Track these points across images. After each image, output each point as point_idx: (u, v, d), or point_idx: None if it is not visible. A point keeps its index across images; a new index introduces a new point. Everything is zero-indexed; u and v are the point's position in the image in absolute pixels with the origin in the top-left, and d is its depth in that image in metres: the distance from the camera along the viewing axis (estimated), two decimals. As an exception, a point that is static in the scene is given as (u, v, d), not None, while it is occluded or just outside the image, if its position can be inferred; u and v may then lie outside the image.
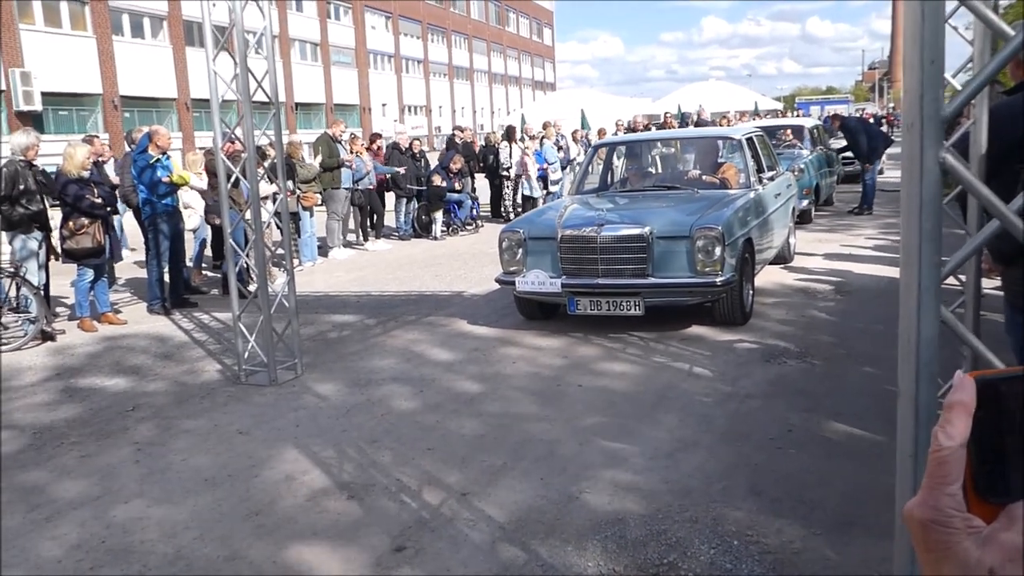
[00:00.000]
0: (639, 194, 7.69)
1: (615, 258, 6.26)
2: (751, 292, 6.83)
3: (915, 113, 1.54)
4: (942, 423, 0.51)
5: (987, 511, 0.51)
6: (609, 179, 8.52)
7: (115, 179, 9.86)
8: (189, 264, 10.13)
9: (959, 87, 3.80)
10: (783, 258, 8.94)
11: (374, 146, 13.45)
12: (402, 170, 13.05)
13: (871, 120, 20.62)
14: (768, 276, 8.28)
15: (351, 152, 11.88)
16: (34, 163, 7.41)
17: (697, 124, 20.10)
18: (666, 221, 6.36)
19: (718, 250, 6.05)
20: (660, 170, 9.14)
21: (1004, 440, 0.52)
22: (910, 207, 1.56)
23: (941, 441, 0.50)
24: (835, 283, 8.17)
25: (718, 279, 6.07)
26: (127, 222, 11.64)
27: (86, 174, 7.45)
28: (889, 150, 14.74)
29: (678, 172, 8.80)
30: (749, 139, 7.87)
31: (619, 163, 8.81)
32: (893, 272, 8.05)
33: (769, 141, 9.21)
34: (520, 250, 6.67)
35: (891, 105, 59.60)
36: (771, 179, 7.85)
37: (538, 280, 6.43)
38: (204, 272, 10.21)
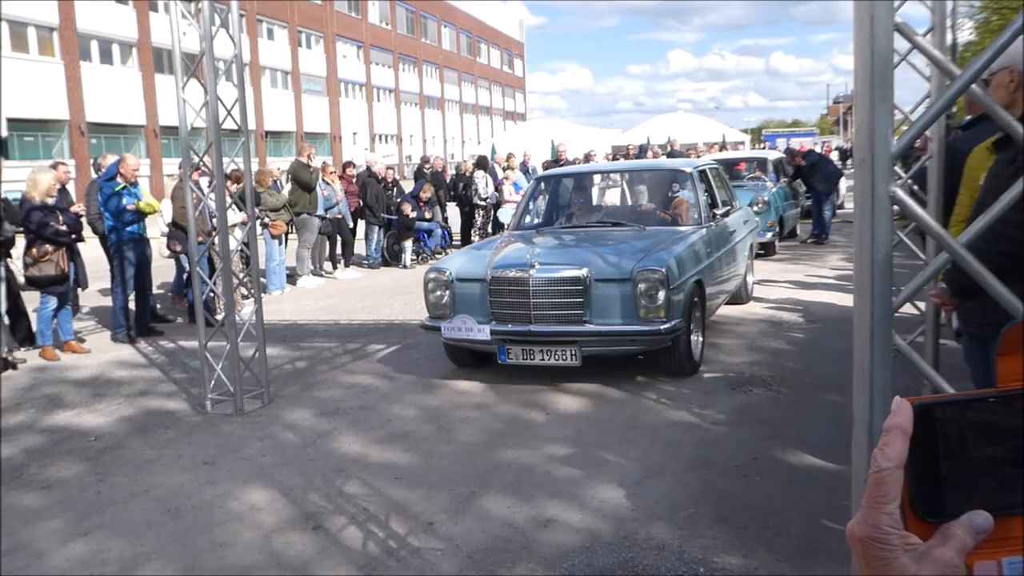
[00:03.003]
0: (583, 231, 7.07)
1: (549, 302, 5.73)
2: (701, 340, 6.34)
3: (866, 149, 1.59)
4: (881, 445, 0.54)
5: (924, 530, 0.54)
6: (554, 215, 7.75)
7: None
8: (161, 291, 9.96)
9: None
10: (739, 299, 8.38)
11: (348, 172, 13.46)
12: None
13: (831, 153, 21.08)
14: (733, 306, 8.36)
15: (322, 180, 11.88)
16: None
17: (670, 155, 20.34)
18: (606, 262, 5.85)
19: (662, 294, 5.57)
20: (608, 205, 8.54)
21: (939, 462, 0.55)
22: (862, 239, 1.61)
23: (879, 462, 0.54)
24: (800, 312, 8.29)
25: (662, 326, 5.57)
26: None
27: (51, 200, 7.37)
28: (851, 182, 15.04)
29: (627, 207, 8.23)
30: (702, 172, 7.38)
31: (565, 197, 8.06)
32: (856, 301, 8.17)
33: (724, 174, 8.64)
34: (447, 292, 6.11)
35: (854, 138, 60.86)
36: (726, 215, 7.42)
37: (464, 326, 5.87)
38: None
